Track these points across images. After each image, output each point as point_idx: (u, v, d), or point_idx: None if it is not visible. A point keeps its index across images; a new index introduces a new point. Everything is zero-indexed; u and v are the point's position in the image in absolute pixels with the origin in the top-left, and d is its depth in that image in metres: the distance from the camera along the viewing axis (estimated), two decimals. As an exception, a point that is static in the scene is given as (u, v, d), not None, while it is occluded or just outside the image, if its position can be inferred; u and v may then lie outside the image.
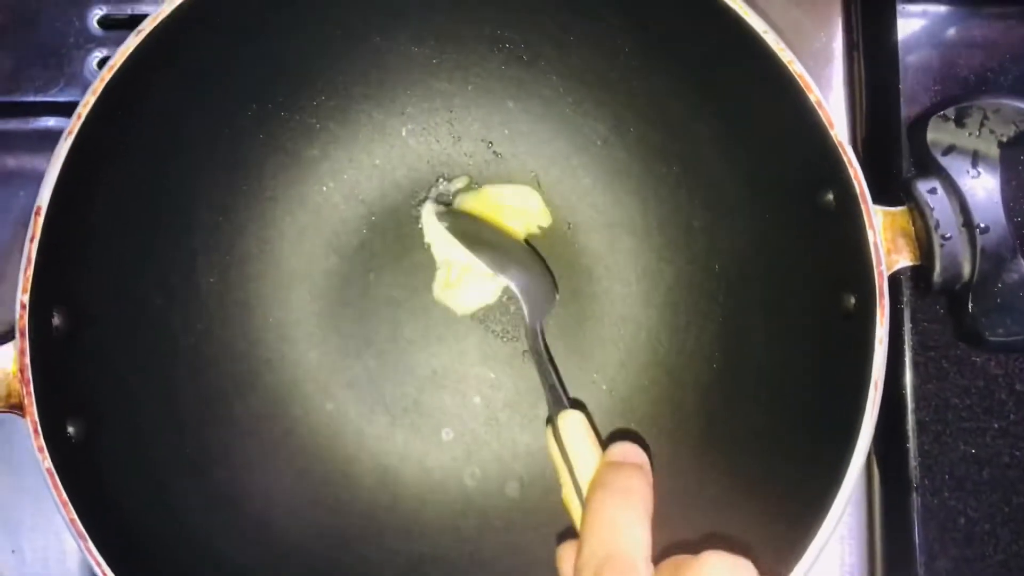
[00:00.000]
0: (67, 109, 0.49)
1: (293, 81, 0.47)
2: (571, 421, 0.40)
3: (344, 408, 0.49)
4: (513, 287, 0.46)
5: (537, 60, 0.48)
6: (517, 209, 0.48)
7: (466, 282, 0.47)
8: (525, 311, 0.45)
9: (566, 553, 0.37)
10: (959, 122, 0.39)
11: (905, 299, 0.47)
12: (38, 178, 0.48)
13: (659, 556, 0.35)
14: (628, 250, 0.50)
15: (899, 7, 0.50)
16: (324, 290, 0.50)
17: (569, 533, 0.40)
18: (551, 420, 0.41)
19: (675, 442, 0.48)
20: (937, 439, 0.46)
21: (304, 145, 0.49)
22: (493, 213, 0.48)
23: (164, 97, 0.41)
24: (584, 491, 0.37)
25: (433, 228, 0.48)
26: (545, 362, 0.44)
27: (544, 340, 0.45)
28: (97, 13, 0.51)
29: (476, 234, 0.46)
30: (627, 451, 0.38)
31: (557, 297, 0.48)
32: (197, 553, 0.42)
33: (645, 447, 0.39)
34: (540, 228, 0.49)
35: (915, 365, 0.47)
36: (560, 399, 0.42)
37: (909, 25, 0.50)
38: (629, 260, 0.50)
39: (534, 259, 0.48)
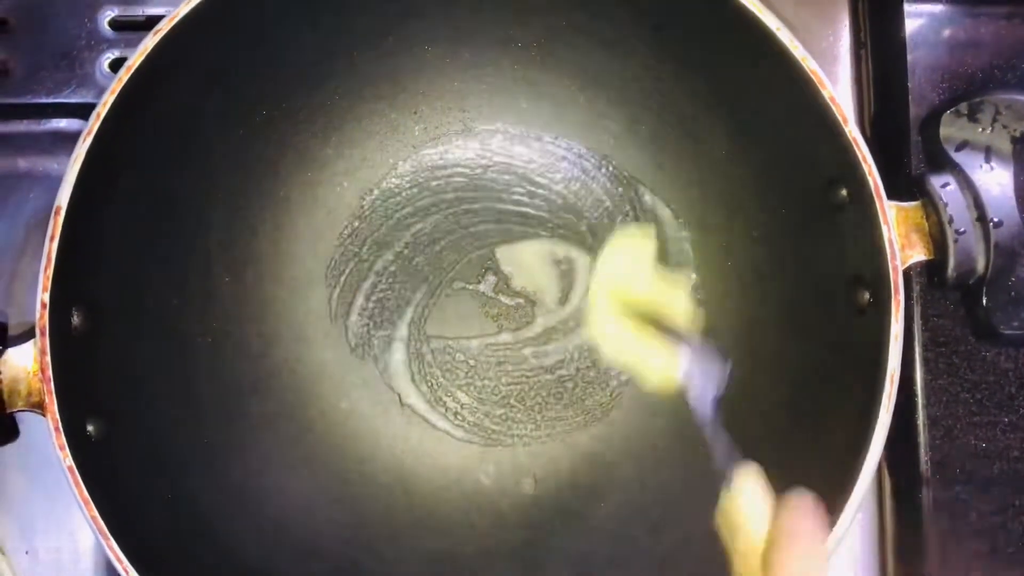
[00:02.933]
0: (79, 110, 0.50)
1: (307, 81, 0.47)
2: (748, 477, 0.34)
3: (359, 407, 0.49)
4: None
5: (550, 60, 0.48)
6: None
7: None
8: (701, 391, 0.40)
9: None
10: (972, 117, 0.40)
11: (916, 294, 0.47)
12: (50, 179, 0.49)
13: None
14: (641, 247, 0.50)
15: (906, 5, 0.50)
16: (340, 289, 0.50)
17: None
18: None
19: (689, 439, 0.48)
20: (948, 434, 0.47)
21: (318, 145, 0.49)
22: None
23: (180, 97, 0.41)
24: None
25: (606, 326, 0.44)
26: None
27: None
28: (108, 15, 0.51)
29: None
30: (806, 501, 0.32)
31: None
32: (215, 551, 0.42)
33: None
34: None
35: (925, 360, 0.47)
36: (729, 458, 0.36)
37: (916, 23, 0.50)
38: (642, 257, 0.50)
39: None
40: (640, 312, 0.44)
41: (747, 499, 0.32)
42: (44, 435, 0.36)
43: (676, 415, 0.48)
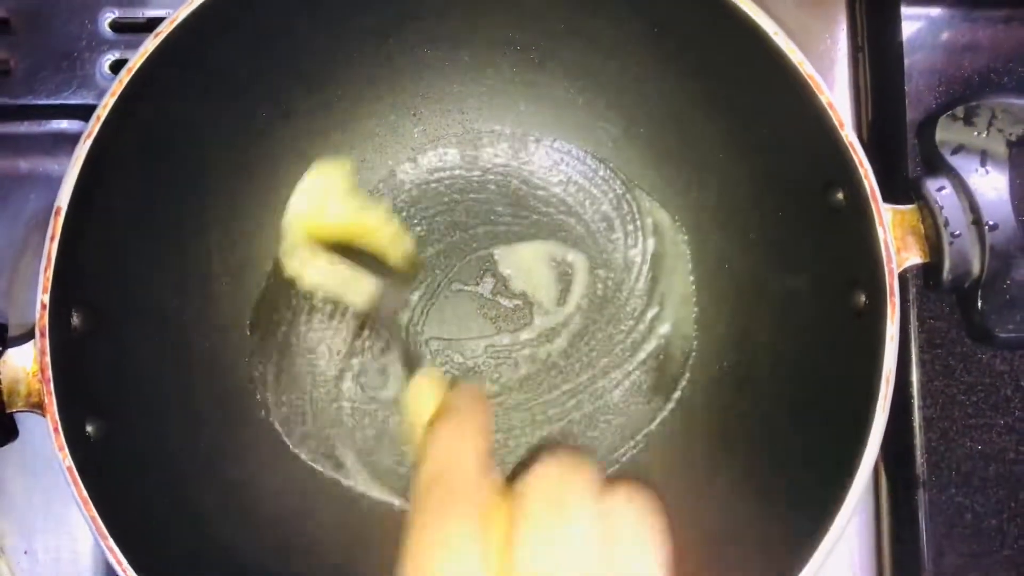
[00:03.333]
0: (79, 112, 0.50)
1: (307, 83, 0.47)
2: (425, 376, 0.38)
3: (360, 407, 0.49)
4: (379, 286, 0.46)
5: (549, 62, 0.48)
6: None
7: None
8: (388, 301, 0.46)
9: None
10: (968, 121, 0.40)
11: (912, 296, 0.47)
12: (50, 180, 0.49)
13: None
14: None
15: (903, 9, 0.50)
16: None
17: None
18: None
19: (686, 440, 0.48)
20: (944, 436, 0.47)
21: (318, 146, 0.49)
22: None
23: (180, 99, 0.42)
24: None
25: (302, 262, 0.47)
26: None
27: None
28: (109, 16, 0.51)
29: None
30: (470, 387, 0.38)
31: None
32: (212, 551, 0.42)
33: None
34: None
35: (921, 362, 0.47)
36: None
37: (913, 26, 0.50)
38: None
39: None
40: (339, 240, 0.46)
41: (423, 388, 0.37)
42: (43, 435, 0.36)
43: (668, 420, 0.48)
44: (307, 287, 0.47)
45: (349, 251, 0.46)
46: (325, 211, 0.46)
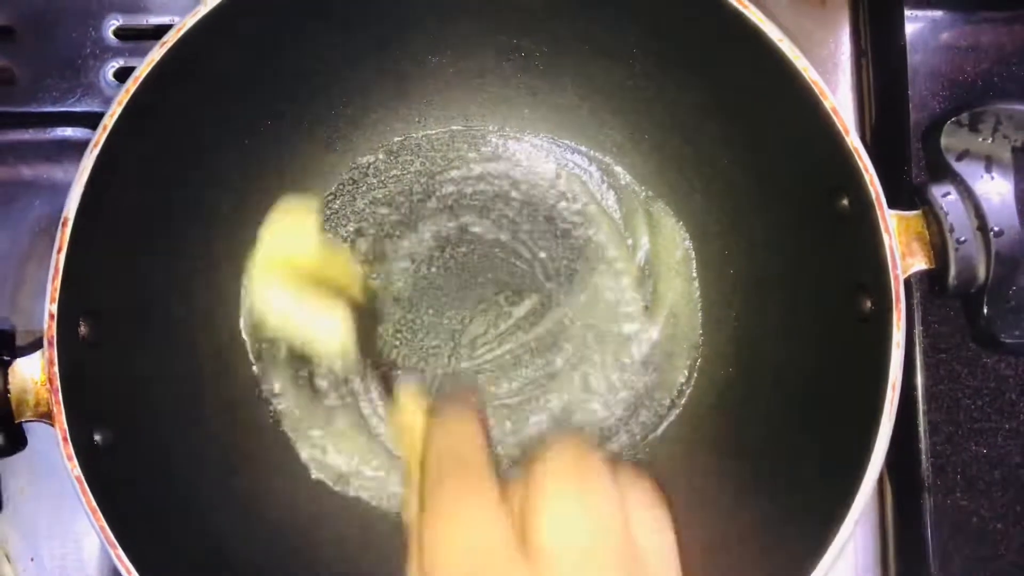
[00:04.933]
0: (84, 119, 0.50)
1: (312, 91, 0.47)
2: (407, 389, 0.38)
3: (371, 420, 0.49)
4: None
5: (552, 69, 0.48)
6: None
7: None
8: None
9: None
10: (973, 127, 0.40)
11: (916, 301, 0.47)
12: (55, 187, 0.49)
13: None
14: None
15: (906, 12, 0.50)
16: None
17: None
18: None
19: (691, 446, 0.48)
20: (949, 440, 0.47)
21: (323, 153, 0.49)
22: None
23: (185, 107, 0.42)
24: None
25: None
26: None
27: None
28: (113, 24, 0.51)
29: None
30: (461, 394, 0.38)
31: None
32: (220, 559, 0.42)
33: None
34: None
35: (926, 367, 0.47)
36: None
37: (916, 30, 0.50)
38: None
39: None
40: (305, 280, 0.46)
41: (409, 408, 0.36)
42: (49, 443, 0.36)
43: (681, 428, 0.48)
44: (273, 329, 0.47)
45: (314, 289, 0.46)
46: (292, 248, 0.47)
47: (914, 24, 0.50)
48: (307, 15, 0.43)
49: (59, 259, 0.37)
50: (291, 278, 0.46)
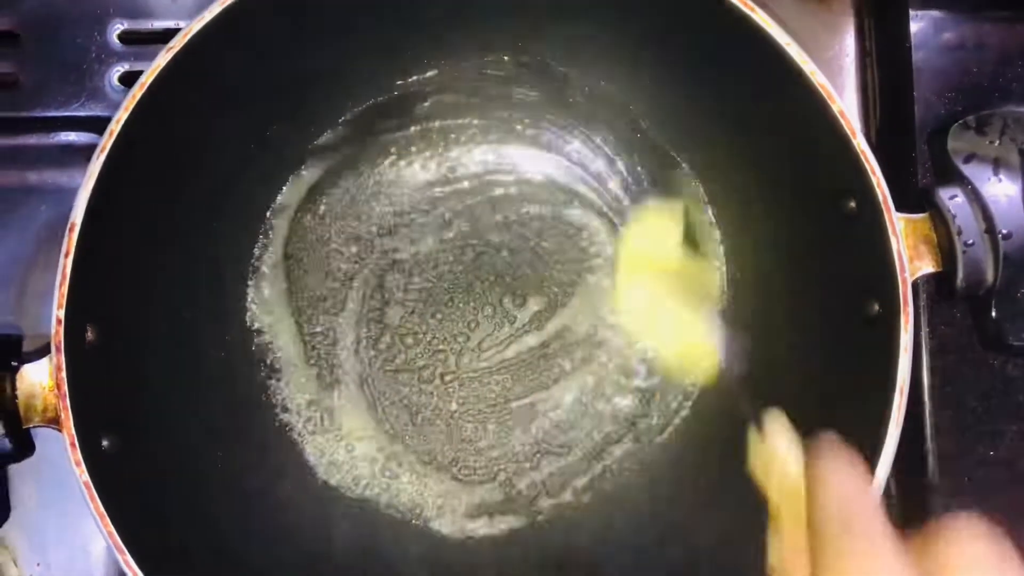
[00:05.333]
0: (89, 124, 0.50)
1: (317, 97, 0.47)
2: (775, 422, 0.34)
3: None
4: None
5: (557, 72, 0.48)
6: None
7: None
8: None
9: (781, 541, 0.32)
10: (980, 130, 0.40)
11: (923, 303, 0.47)
12: (60, 192, 0.49)
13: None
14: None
15: (912, 14, 0.50)
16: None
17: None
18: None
19: (698, 450, 0.48)
20: (956, 442, 0.47)
21: (329, 157, 0.49)
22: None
23: (192, 112, 0.42)
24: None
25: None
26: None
27: None
28: (118, 28, 0.51)
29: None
30: (833, 439, 0.32)
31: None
32: (228, 563, 0.42)
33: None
34: None
35: (933, 368, 0.47)
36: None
37: (922, 31, 0.50)
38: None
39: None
40: (667, 288, 0.45)
41: (778, 441, 0.33)
42: (56, 448, 0.36)
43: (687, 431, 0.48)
44: (633, 332, 0.47)
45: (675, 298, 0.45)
46: (661, 254, 0.46)
47: (919, 23, 0.50)
48: (313, 20, 0.43)
49: (66, 264, 0.37)
50: (654, 284, 0.45)
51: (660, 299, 0.45)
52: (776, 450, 0.32)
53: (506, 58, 0.48)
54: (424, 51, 0.48)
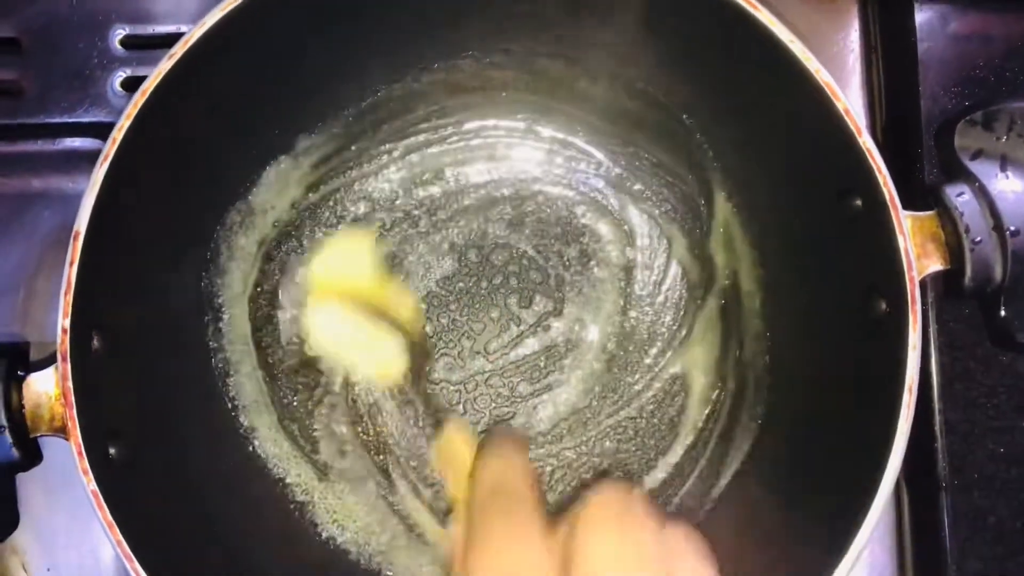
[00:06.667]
0: (92, 129, 0.50)
1: (320, 101, 0.47)
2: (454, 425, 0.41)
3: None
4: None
5: (561, 72, 0.48)
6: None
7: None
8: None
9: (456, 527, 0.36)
10: (987, 126, 0.39)
11: (931, 300, 0.47)
12: (64, 199, 0.49)
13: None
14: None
15: (917, 7, 0.49)
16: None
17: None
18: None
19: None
20: (965, 439, 0.46)
21: (331, 163, 0.49)
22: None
23: (194, 118, 0.42)
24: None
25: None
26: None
27: None
28: (119, 33, 0.51)
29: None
30: (503, 429, 0.40)
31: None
32: (233, 568, 0.42)
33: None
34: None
35: (942, 365, 0.47)
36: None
37: (927, 26, 0.50)
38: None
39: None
40: (359, 307, 0.47)
41: (456, 440, 0.40)
42: (63, 455, 0.36)
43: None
44: (319, 346, 0.48)
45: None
46: (348, 274, 0.48)
47: (924, 15, 0.49)
48: (313, 24, 0.43)
49: (71, 273, 0.37)
50: (346, 302, 0.47)
51: (350, 320, 0.47)
52: (454, 447, 0.39)
53: (506, 57, 0.48)
54: (424, 50, 0.47)
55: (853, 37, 0.53)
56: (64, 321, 0.36)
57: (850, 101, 0.38)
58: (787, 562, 0.38)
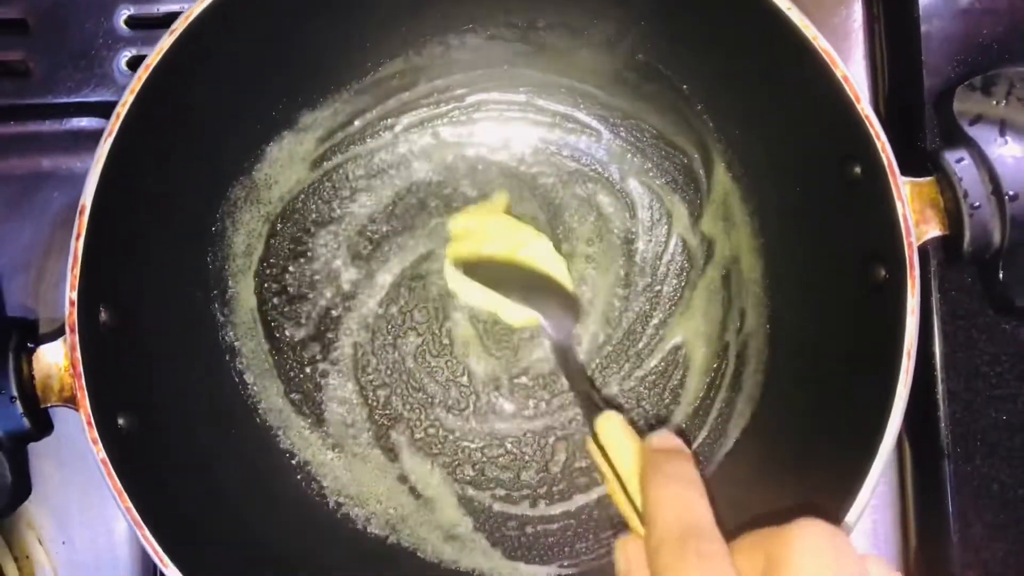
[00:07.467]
0: (99, 109, 0.50)
1: (321, 76, 0.47)
2: (608, 422, 0.39)
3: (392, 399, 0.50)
4: (538, 316, 0.46)
5: (563, 45, 0.48)
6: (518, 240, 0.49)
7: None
8: (551, 332, 0.46)
9: (627, 545, 0.36)
10: (986, 91, 0.39)
11: (933, 268, 0.47)
12: (72, 178, 0.50)
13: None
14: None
15: (919, -24, 0.49)
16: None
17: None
18: (589, 426, 0.40)
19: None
20: (968, 407, 0.47)
21: (335, 136, 0.49)
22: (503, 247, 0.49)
23: (197, 94, 0.42)
24: (631, 484, 0.37)
25: (458, 281, 0.48)
26: (574, 374, 0.44)
27: (574, 354, 0.47)
28: (124, 13, 0.51)
29: (496, 276, 0.48)
30: (665, 438, 0.37)
31: (577, 317, 0.49)
32: (243, 537, 0.43)
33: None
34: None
35: (944, 334, 0.47)
36: (595, 404, 0.41)
37: (930, -6, 0.49)
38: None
39: (550, 284, 0.48)
40: (499, 263, 0.47)
41: (616, 429, 0.38)
42: (76, 428, 0.37)
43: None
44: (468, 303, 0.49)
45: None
46: (488, 234, 0.48)
47: (927, -14, 0.49)
48: (315, 1, 0.43)
49: (78, 246, 0.37)
50: (483, 261, 0.48)
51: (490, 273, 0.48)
52: (615, 436, 0.38)
53: (508, 29, 0.48)
54: (425, 24, 0.47)
55: (856, 7, 0.52)
56: (72, 293, 0.37)
57: (852, 69, 0.38)
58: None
